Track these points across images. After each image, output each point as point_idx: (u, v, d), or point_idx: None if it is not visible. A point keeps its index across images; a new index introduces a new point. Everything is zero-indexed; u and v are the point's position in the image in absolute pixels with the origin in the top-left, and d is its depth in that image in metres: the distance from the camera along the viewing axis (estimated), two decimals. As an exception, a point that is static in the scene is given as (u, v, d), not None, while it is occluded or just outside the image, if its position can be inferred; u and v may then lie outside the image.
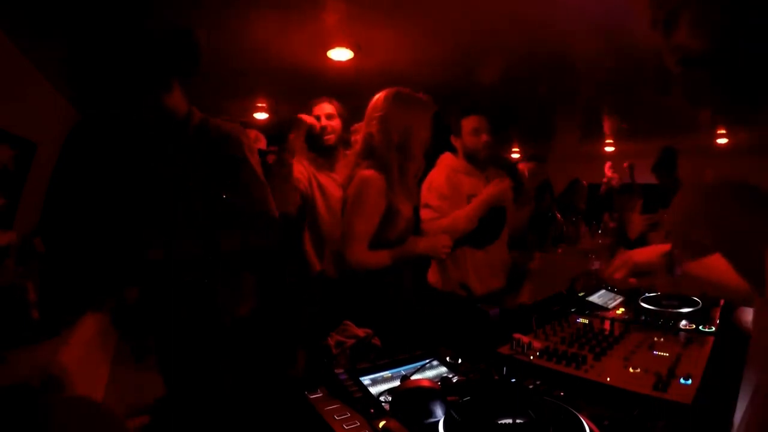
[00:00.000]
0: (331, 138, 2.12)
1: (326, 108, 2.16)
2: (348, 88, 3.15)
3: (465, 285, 2.06)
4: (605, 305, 1.50)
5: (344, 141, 2.14)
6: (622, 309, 1.46)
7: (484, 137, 2.12)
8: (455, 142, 2.20)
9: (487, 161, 2.20)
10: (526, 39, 2.42)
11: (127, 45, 1.40)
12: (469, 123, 2.14)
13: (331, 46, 2.55)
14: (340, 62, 2.74)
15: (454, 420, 0.69)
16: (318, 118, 2.10)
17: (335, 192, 2.07)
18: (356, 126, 1.79)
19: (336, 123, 2.14)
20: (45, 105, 2.60)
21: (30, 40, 2.27)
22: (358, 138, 1.71)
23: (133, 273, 1.52)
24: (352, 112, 2.09)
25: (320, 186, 2.12)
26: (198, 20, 2.22)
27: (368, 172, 1.60)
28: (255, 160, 1.47)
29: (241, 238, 1.42)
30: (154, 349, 1.51)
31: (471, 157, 2.16)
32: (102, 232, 1.66)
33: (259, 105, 3.79)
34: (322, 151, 2.15)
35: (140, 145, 1.67)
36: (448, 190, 2.06)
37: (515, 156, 6.53)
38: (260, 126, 3.72)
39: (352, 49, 2.58)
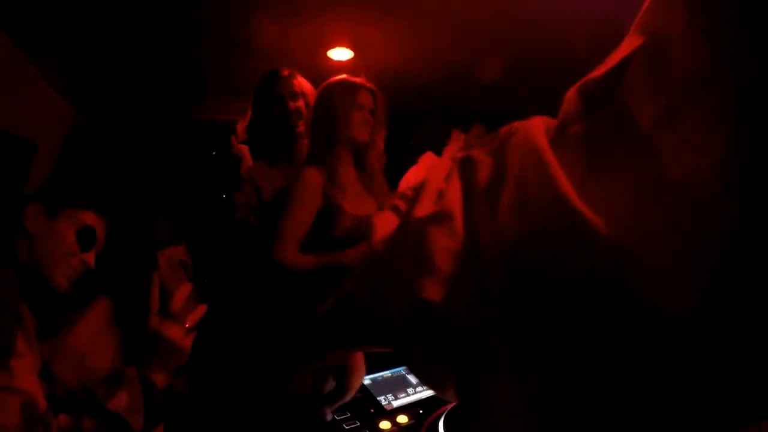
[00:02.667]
0: (301, 126, 1.64)
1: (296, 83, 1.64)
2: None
3: None
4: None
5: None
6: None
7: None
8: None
9: None
10: (527, 39, 2.42)
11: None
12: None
13: (331, 46, 2.55)
14: (340, 62, 2.74)
15: (454, 418, 0.69)
16: (284, 98, 1.63)
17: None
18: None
19: (302, 103, 1.67)
20: (45, 105, 2.60)
21: (30, 40, 2.27)
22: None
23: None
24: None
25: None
26: (197, 21, 2.23)
27: (304, 169, 1.53)
28: None
29: None
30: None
31: None
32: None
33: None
34: (282, 145, 1.68)
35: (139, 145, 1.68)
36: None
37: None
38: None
39: (351, 49, 2.58)
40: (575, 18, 2.13)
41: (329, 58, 2.70)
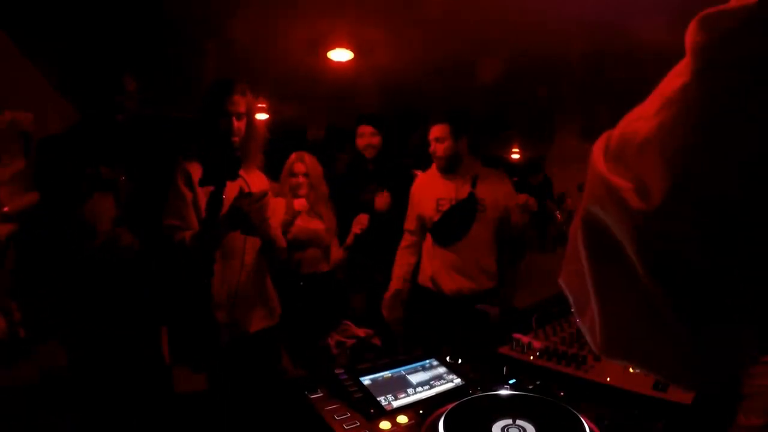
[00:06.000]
0: (236, 143, 1.73)
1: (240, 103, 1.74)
2: (348, 89, 3.16)
3: (434, 280, 2.07)
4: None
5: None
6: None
7: (442, 146, 2.07)
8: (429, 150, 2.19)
9: (451, 167, 2.13)
10: (525, 40, 2.42)
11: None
12: (432, 133, 2.11)
13: (331, 47, 2.56)
14: (339, 62, 2.74)
15: (455, 421, 0.69)
16: (230, 115, 1.70)
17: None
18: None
19: (243, 124, 1.76)
20: (45, 105, 2.61)
21: (31, 41, 2.28)
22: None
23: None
24: (352, 113, 2.06)
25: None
26: (197, 21, 2.23)
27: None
28: None
29: None
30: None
31: (438, 164, 2.15)
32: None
33: (259, 105, 3.79)
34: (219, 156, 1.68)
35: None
36: (418, 193, 2.19)
37: (515, 156, 6.53)
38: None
39: (351, 50, 2.59)
40: (571, 21, 2.14)
41: (329, 59, 2.70)
